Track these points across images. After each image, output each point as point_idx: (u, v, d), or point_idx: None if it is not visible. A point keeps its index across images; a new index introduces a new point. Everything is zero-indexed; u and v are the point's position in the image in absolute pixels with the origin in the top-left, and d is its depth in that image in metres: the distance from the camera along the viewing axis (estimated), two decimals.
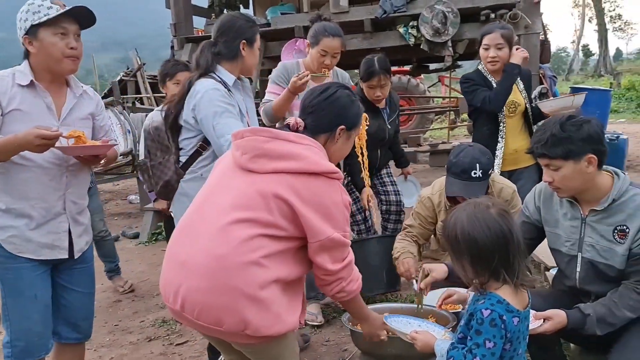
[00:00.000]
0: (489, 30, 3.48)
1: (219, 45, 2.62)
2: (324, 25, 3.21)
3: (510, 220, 1.64)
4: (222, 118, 2.45)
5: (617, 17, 48.00)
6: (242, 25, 2.64)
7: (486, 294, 1.65)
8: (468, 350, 1.61)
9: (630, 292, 2.05)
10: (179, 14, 6.89)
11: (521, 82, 3.54)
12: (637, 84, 19.25)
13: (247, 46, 2.64)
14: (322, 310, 3.67)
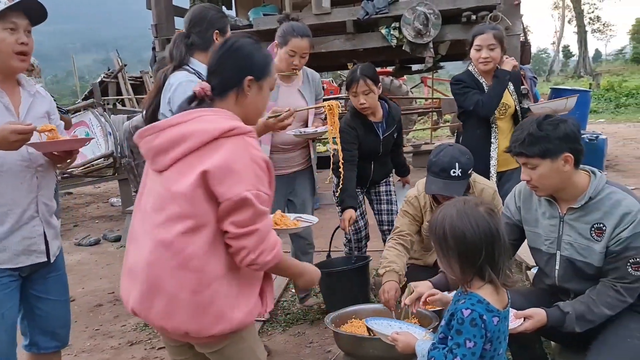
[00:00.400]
0: (481, 30, 3.45)
1: (192, 36, 2.59)
2: (292, 26, 3.19)
3: (497, 219, 1.66)
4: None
5: (596, 18, 48.76)
6: (214, 16, 2.64)
7: (467, 293, 1.66)
8: (449, 350, 1.61)
9: (608, 290, 2.07)
10: (160, 14, 6.84)
11: (511, 83, 3.53)
12: (615, 85, 19.56)
13: (220, 36, 2.61)
14: (306, 312, 3.67)
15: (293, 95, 3.30)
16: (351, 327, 2.62)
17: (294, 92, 3.31)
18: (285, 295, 4.04)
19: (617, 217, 2.03)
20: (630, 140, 10.88)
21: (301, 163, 3.50)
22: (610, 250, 2.05)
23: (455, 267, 1.64)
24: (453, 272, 1.67)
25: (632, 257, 2.02)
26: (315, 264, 3.45)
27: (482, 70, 3.48)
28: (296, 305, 3.81)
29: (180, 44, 2.58)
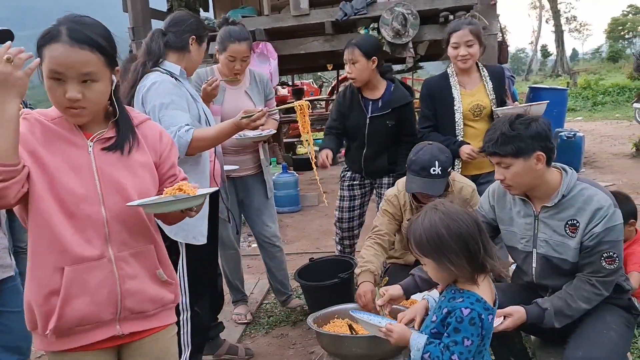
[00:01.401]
0: (456, 27, 3.26)
1: (169, 34, 2.58)
2: (229, 31, 3.16)
3: (474, 212, 1.71)
4: (167, 110, 2.40)
5: (573, 18, 49.58)
6: (195, 22, 2.65)
7: (463, 292, 1.66)
8: (445, 347, 1.62)
9: (584, 284, 2.10)
10: (137, 17, 6.78)
11: (490, 82, 3.31)
12: (592, 83, 19.86)
13: (196, 42, 2.62)
14: (288, 314, 3.66)
15: (240, 98, 3.29)
16: (334, 327, 2.62)
17: (240, 94, 3.31)
18: (268, 297, 4.03)
19: (589, 212, 2.06)
20: (607, 137, 11.06)
21: (252, 167, 3.45)
22: (585, 245, 2.08)
23: (459, 267, 1.61)
24: (455, 273, 1.64)
25: (605, 252, 2.05)
26: (298, 270, 3.47)
27: (460, 68, 3.29)
28: (278, 307, 3.80)
29: (159, 39, 2.57)
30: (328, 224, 6.27)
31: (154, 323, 1.68)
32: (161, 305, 1.68)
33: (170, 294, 1.72)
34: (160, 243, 1.70)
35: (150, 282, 1.65)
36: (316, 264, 3.59)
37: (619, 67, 28.41)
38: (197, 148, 2.42)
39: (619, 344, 2.09)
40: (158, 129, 1.74)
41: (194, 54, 2.64)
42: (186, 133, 2.34)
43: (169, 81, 2.47)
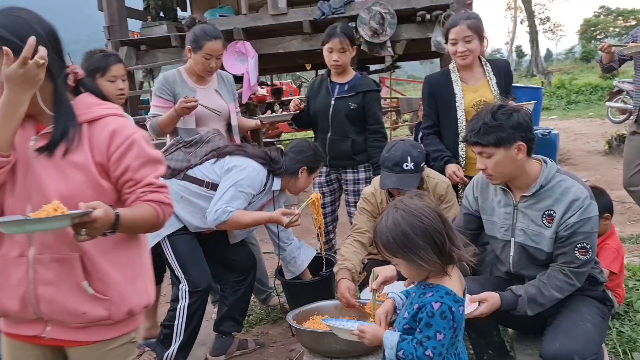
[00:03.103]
0: (454, 22, 3.13)
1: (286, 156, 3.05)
2: (204, 29, 3.18)
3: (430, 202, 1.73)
4: (236, 188, 2.76)
5: (547, 19, 50.35)
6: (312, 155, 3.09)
7: (433, 286, 1.67)
8: (418, 342, 1.62)
9: (557, 274, 2.14)
10: (113, 16, 6.69)
11: (495, 77, 3.20)
12: (566, 83, 20.18)
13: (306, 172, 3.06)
14: (268, 312, 3.65)
15: (211, 96, 3.31)
16: (313, 324, 2.62)
17: (211, 93, 3.33)
18: None
19: (566, 203, 2.10)
20: (581, 135, 11.25)
21: None
22: (559, 235, 2.12)
23: (430, 262, 1.62)
24: (427, 269, 1.65)
25: (579, 242, 2.09)
26: (278, 268, 3.46)
27: (460, 64, 3.19)
28: (258, 306, 3.79)
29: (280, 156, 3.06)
30: (308, 222, 6.26)
31: (82, 337, 1.58)
32: (85, 320, 1.55)
33: (102, 311, 1.55)
34: (92, 253, 1.54)
35: (71, 293, 1.53)
36: None
37: (591, 67, 28.91)
38: (228, 226, 2.82)
39: (594, 335, 2.13)
40: (110, 128, 1.56)
41: (300, 181, 3.05)
42: (228, 214, 2.71)
43: (261, 180, 2.88)
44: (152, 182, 1.60)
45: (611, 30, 43.34)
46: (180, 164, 2.91)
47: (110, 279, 1.57)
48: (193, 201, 2.86)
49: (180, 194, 2.84)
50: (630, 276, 3.41)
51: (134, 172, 1.57)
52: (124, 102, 3.13)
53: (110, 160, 1.55)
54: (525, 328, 2.46)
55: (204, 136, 3.04)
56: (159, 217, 1.61)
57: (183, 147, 2.98)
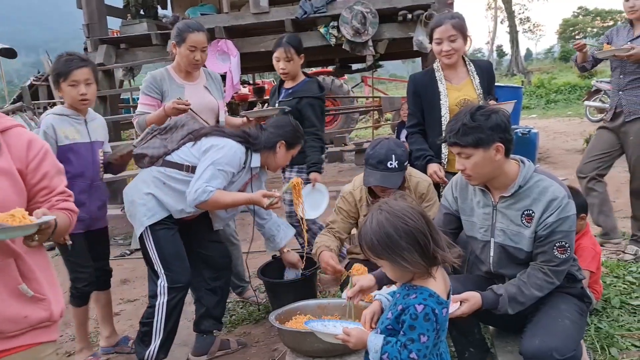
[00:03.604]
0: (438, 22, 3.14)
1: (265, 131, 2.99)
2: (186, 23, 3.25)
3: (416, 204, 1.72)
4: (214, 167, 2.72)
5: (526, 19, 50.88)
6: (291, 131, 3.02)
7: (417, 288, 1.67)
8: (402, 345, 1.62)
9: (537, 272, 2.17)
10: (92, 14, 6.62)
11: (478, 76, 3.23)
12: (545, 82, 20.45)
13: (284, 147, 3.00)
14: (250, 312, 3.64)
15: (200, 92, 3.32)
16: (296, 324, 2.61)
17: (200, 89, 3.33)
18: (229, 296, 3.99)
19: (544, 203, 2.12)
20: (560, 134, 11.40)
21: None
22: (538, 234, 2.14)
23: (415, 264, 1.62)
24: (411, 270, 1.65)
25: (558, 241, 2.11)
26: (260, 267, 3.45)
27: (446, 63, 3.20)
28: (240, 306, 3.78)
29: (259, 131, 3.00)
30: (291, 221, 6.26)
31: (14, 343, 1.53)
32: (27, 325, 1.54)
33: (42, 312, 1.56)
34: (27, 257, 1.54)
35: (9, 299, 1.50)
36: (279, 261, 3.57)
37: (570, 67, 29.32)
38: (208, 206, 2.79)
39: (573, 332, 2.15)
40: (26, 138, 1.59)
41: (279, 156, 3.00)
42: (208, 193, 2.68)
43: (240, 157, 2.83)
44: (64, 190, 1.65)
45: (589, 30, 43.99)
46: (158, 150, 2.88)
47: (42, 280, 1.59)
48: (174, 187, 2.82)
49: (162, 180, 2.82)
50: (608, 273, 3.47)
51: (50, 180, 1.61)
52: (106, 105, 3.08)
53: (28, 167, 1.57)
54: (505, 325, 2.48)
55: (179, 121, 3.00)
56: (70, 224, 1.66)
57: (158, 134, 2.94)
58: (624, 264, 3.67)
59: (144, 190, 2.82)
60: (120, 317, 3.84)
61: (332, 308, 2.74)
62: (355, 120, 14.39)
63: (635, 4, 3.62)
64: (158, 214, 2.81)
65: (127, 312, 3.94)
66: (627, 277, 3.40)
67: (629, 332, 2.77)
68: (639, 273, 3.48)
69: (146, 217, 2.79)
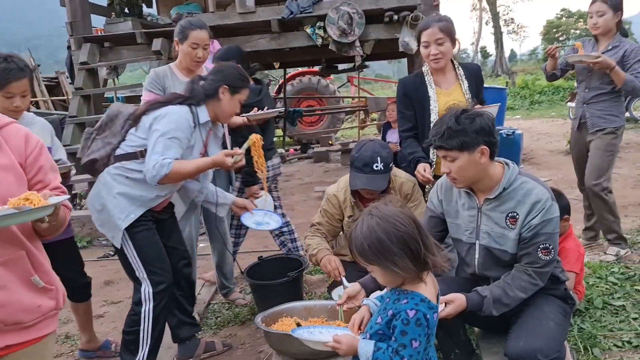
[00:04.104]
0: (426, 25, 3.05)
1: (206, 80, 2.81)
2: (189, 20, 3.26)
3: (407, 209, 1.74)
4: (164, 138, 2.59)
5: (511, 20, 51.29)
6: (232, 73, 2.84)
7: (408, 293, 1.67)
8: (394, 351, 1.61)
9: (522, 274, 2.19)
10: (75, 12, 6.54)
11: (467, 80, 3.15)
12: (529, 83, 20.64)
13: (228, 92, 2.78)
14: (236, 314, 3.62)
15: None
16: (282, 326, 2.61)
17: None
18: (216, 297, 3.97)
19: (528, 205, 2.14)
20: (544, 135, 11.51)
21: None
22: (523, 236, 2.16)
23: (406, 269, 1.62)
24: (402, 276, 1.65)
25: (541, 243, 2.14)
26: (247, 268, 3.44)
27: (434, 67, 3.11)
28: (226, 307, 3.76)
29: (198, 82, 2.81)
30: None
31: (32, 334, 1.61)
32: (40, 314, 1.62)
33: (50, 301, 1.65)
34: (34, 248, 1.61)
35: (24, 290, 1.58)
36: (265, 263, 3.57)
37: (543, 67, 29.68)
38: (170, 179, 2.63)
39: (557, 333, 2.18)
40: (23, 132, 1.65)
41: (224, 103, 2.80)
42: (167, 166, 2.55)
43: (186, 118, 2.68)
44: (59, 186, 1.69)
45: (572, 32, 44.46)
46: (105, 150, 2.71)
47: (48, 269, 1.67)
48: (138, 178, 2.67)
49: (124, 175, 2.67)
50: (591, 273, 3.51)
51: (45, 174, 1.67)
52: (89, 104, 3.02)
53: (26, 161, 1.63)
54: (490, 327, 2.50)
55: (110, 113, 2.82)
56: (66, 220, 1.69)
57: (96, 135, 2.78)
58: (606, 265, 3.72)
59: (112, 192, 2.65)
60: (103, 320, 3.80)
61: (319, 310, 2.74)
62: (341, 120, 14.40)
63: (597, 21, 3.71)
64: (133, 212, 2.66)
65: (110, 314, 3.90)
66: (609, 278, 3.44)
67: (611, 332, 2.81)
68: (621, 274, 3.53)
69: (121, 219, 2.64)
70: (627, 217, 4.90)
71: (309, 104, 13.36)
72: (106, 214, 2.66)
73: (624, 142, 8.68)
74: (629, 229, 4.50)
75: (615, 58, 3.63)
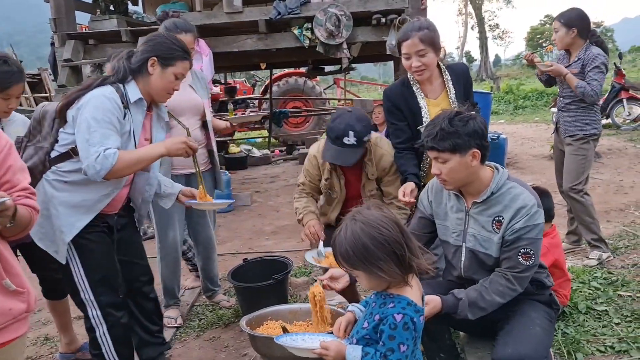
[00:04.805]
0: (405, 36, 2.82)
1: (134, 55, 2.48)
2: (175, 23, 3.12)
3: (390, 211, 1.73)
4: (99, 126, 2.26)
5: (496, 26, 51.75)
6: (159, 43, 2.48)
7: (394, 297, 1.66)
8: (382, 355, 1.61)
9: (500, 279, 2.19)
10: (60, 8, 6.43)
11: (454, 87, 2.95)
12: (514, 88, 20.83)
13: (158, 65, 2.45)
14: (220, 316, 3.59)
15: (185, 91, 3.26)
16: (267, 329, 2.58)
17: (185, 87, 3.26)
18: (199, 300, 3.93)
19: (514, 210, 2.15)
20: (528, 140, 11.61)
21: (202, 163, 3.38)
22: (505, 240, 2.17)
23: (391, 273, 1.62)
24: (388, 280, 1.65)
25: (523, 247, 2.13)
26: (231, 270, 3.41)
27: (418, 79, 2.93)
28: (210, 309, 3.73)
29: (124, 58, 2.45)
30: (261, 224, 6.22)
31: (3, 337, 1.61)
32: (11, 317, 1.62)
33: (22, 304, 1.65)
34: (5, 251, 1.62)
35: None
36: (250, 265, 3.54)
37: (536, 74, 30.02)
38: (118, 173, 2.32)
39: (543, 338, 2.19)
40: None
41: (154, 78, 2.45)
42: (113, 156, 2.24)
43: (113, 99, 2.32)
44: (27, 187, 1.67)
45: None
46: (37, 157, 2.40)
47: (19, 272, 1.66)
48: (78, 180, 2.37)
49: (62, 180, 2.38)
50: (574, 278, 3.53)
51: (13, 174, 1.64)
52: None
53: None
54: (476, 332, 2.51)
55: (35, 116, 2.51)
56: (31, 221, 1.67)
57: (27, 143, 2.48)
58: (589, 269, 3.75)
59: (52, 202, 2.36)
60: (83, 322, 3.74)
61: (304, 313, 2.71)
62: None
63: (555, 37, 3.97)
64: (79, 221, 2.37)
65: None
66: (592, 283, 3.47)
67: (594, 337, 2.83)
68: (603, 279, 3.56)
69: (64, 232, 2.35)
70: (610, 222, 4.96)
71: (295, 105, 13.34)
72: (48, 227, 2.38)
73: (605, 148, 8.84)
74: (611, 234, 4.55)
75: (578, 68, 3.84)
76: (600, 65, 3.76)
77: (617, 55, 12.37)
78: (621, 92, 11.05)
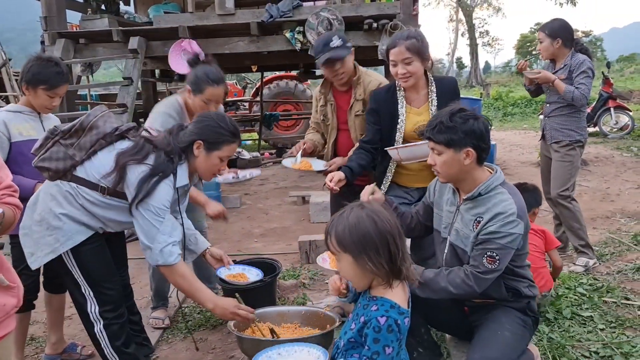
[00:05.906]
0: (393, 44, 2.91)
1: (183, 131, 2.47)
2: (206, 73, 3.00)
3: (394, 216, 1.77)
4: (170, 221, 2.34)
5: (486, 33, 52.14)
6: (209, 126, 2.45)
7: (377, 299, 1.68)
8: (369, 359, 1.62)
9: (460, 272, 2.22)
10: (51, 6, 6.40)
11: (437, 99, 2.97)
12: (503, 95, 21.02)
13: (204, 149, 2.43)
14: (207, 318, 3.58)
15: None
16: (255, 331, 2.58)
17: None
18: (187, 301, 3.91)
19: (492, 213, 2.18)
20: (516, 146, 11.70)
21: None
22: (477, 239, 2.21)
23: (378, 266, 1.64)
24: (370, 274, 1.67)
25: (490, 251, 2.16)
26: None
27: (404, 86, 2.99)
28: (197, 311, 3.71)
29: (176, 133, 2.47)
30: (250, 226, 6.21)
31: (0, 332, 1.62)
32: (4, 313, 1.62)
33: (13, 299, 1.66)
34: None
35: None
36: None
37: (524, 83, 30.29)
38: (166, 271, 2.37)
39: (513, 342, 2.23)
40: None
41: (200, 161, 2.45)
42: (176, 256, 2.33)
43: (171, 194, 2.35)
44: (10, 185, 1.66)
45: None
46: (63, 163, 2.32)
47: (9, 267, 1.68)
48: (92, 210, 2.36)
49: (74, 198, 2.34)
50: (560, 284, 3.57)
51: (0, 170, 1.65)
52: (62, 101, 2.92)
53: None
54: (454, 332, 2.58)
55: (85, 121, 2.39)
56: (15, 220, 1.66)
57: (61, 138, 2.36)
58: (575, 275, 3.79)
59: (56, 210, 2.32)
60: (71, 322, 3.71)
61: (292, 315, 2.73)
62: None
63: (540, 47, 4.10)
64: (76, 236, 2.36)
65: (78, 317, 3.80)
66: (578, 289, 3.51)
67: (579, 342, 2.86)
68: (589, 285, 3.60)
69: (60, 242, 2.33)
70: (596, 230, 5.02)
71: (286, 108, 13.34)
72: (41, 231, 2.35)
73: (592, 156, 8.93)
74: (597, 241, 4.60)
75: (565, 74, 3.92)
76: (587, 70, 3.84)
77: (605, 65, 12.53)
78: (609, 101, 11.19)
